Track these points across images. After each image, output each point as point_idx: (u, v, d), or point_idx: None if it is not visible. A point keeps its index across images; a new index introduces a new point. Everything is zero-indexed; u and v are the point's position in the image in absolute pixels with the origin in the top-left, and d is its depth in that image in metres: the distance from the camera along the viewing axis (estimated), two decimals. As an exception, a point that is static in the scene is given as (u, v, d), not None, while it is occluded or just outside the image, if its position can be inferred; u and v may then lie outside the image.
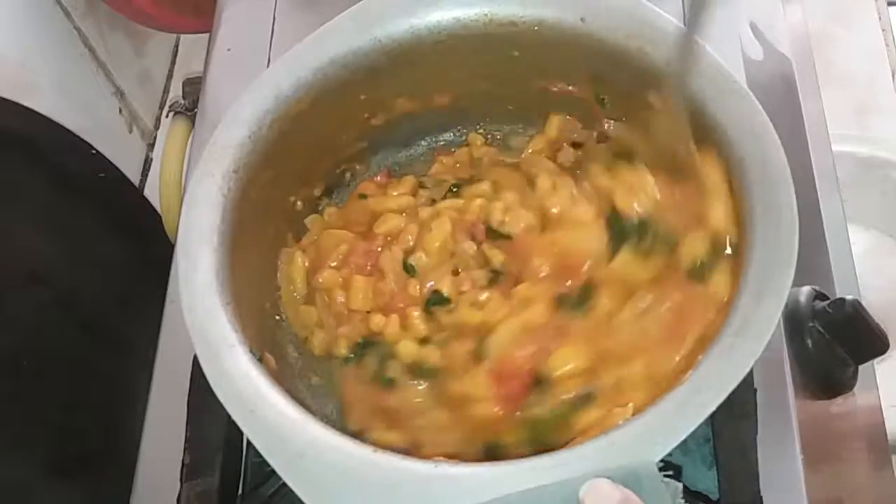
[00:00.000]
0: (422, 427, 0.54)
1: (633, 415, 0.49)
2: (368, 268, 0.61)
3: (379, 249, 0.61)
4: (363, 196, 0.66)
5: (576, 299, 0.55)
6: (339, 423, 0.57)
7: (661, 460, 0.44)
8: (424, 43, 0.61)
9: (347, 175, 0.68)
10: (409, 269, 0.61)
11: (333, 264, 0.62)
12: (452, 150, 0.69)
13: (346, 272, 0.61)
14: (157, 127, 1.03)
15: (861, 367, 0.64)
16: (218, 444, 0.58)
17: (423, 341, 0.58)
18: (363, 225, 0.63)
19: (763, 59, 0.75)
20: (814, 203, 0.71)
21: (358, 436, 0.49)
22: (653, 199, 0.55)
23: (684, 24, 0.55)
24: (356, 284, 0.60)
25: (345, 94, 0.62)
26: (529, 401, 0.53)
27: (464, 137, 0.69)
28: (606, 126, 0.62)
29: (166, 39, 1.08)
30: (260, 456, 0.46)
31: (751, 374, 0.50)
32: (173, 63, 1.09)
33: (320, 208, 0.66)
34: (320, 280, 0.61)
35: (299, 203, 0.65)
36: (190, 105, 0.90)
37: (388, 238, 0.62)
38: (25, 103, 0.78)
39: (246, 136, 0.57)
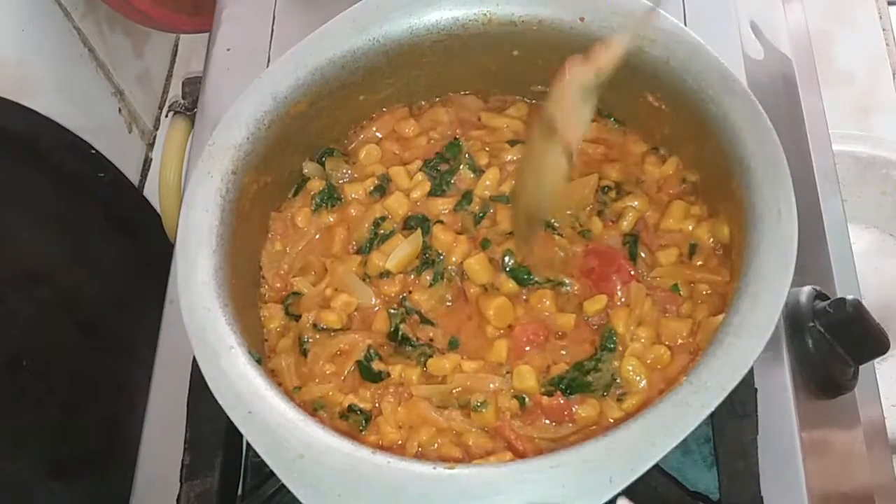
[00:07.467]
0: None
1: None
2: None
3: None
4: None
5: None
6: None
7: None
8: (423, 43, 0.61)
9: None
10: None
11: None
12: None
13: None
14: (156, 127, 1.03)
15: (861, 367, 0.64)
16: (218, 445, 0.57)
17: None
18: None
19: (763, 59, 0.75)
20: (814, 203, 0.71)
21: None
22: None
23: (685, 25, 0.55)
24: None
25: (343, 95, 0.62)
26: None
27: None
28: None
29: (166, 39, 1.07)
30: (260, 456, 0.46)
31: (751, 373, 0.50)
32: (173, 63, 1.09)
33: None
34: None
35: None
36: (189, 105, 0.89)
37: None
38: (25, 103, 0.78)
39: (244, 137, 0.57)
